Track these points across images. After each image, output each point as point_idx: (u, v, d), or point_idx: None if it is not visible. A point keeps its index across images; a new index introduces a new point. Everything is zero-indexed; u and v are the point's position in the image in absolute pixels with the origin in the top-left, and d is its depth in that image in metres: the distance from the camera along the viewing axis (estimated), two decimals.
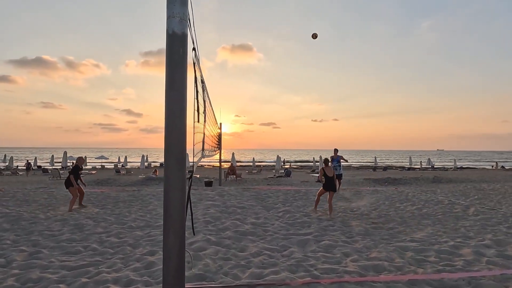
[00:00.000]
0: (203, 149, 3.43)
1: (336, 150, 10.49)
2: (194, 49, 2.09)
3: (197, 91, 2.09)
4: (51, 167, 28.00)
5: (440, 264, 3.79)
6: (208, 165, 47.88)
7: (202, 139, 3.05)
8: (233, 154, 29.82)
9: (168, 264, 1.36)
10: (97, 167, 35.24)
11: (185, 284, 2.92)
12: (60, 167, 27.41)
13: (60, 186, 12.99)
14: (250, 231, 5.24)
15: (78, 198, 7.47)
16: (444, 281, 3.23)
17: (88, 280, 3.22)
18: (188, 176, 2.10)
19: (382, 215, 6.77)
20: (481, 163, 59.73)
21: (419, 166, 38.88)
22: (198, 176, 20.88)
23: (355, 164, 49.48)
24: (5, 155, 34.43)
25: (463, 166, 43.52)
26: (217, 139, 9.63)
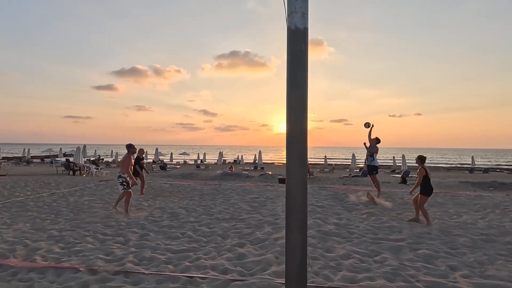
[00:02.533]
0: None
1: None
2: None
3: None
4: (145, 161, 32.62)
5: None
6: (278, 162, 48.49)
7: None
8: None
9: (292, 261, 1.37)
10: (180, 162, 39.31)
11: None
12: (152, 161, 31.49)
13: (154, 178, 14.92)
14: (333, 232, 5.06)
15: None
16: None
17: (190, 264, 3.57)
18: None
19: (494, 226, 5.71)
20: None
21: None
22: (270, 173, 21.32)
23: (444, 165, 43.25)
24: (112, 151, 41.51)
25: None
26: None
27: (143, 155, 10.00)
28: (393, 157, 31.59)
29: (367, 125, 8.21)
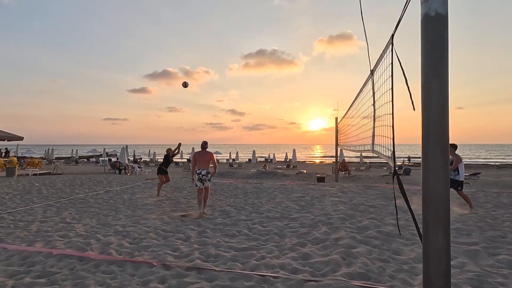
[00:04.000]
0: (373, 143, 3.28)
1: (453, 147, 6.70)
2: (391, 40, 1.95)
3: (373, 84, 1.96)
4: (181, 160, 33.68)
5: None
6: (310, 161, 47.76)
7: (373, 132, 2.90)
8: (341, 150, 28.62)
9: (438, 267, 1.27)
10: None
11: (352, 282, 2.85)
12: (188, 159, 32.51)
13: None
14: (395, 233, 4.81)
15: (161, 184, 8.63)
16: None
17: (257, 262, 3.57)
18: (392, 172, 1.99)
19: None
20: None
21: None
22: (305, 171, 21.02)
23: (494, 162, 39.79)
24: (149, 151, 43.57)
25: None
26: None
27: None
28: None
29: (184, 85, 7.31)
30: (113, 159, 27.72)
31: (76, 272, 3.35)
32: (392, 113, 1.97)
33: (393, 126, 2.00)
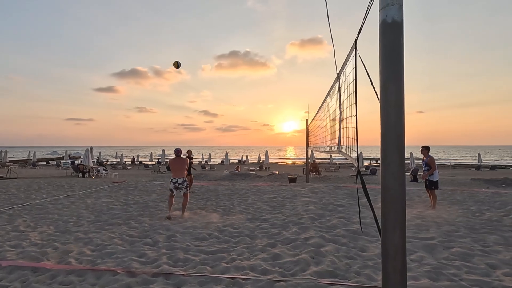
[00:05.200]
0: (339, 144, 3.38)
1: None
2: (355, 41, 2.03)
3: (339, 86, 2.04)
4: (150, 163, 32.50)
5: None
6: (282, 162, 48.44)
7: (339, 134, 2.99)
8: (312, 151, 29.33)
9: (395, 263, 1.32)
10: None
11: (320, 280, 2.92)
12: (158, 161, 31.49)
13: (164, 179, 14.88)
14: (362, 231, 5.00)
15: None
16: None
17: (227, 265, 3.53)
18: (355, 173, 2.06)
19: None
20: None
21: None
22: (277, 172, 21.26)
23: (449, 162, 43.06)
24: (116, 153, 41.61)
25: None
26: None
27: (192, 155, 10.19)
28: None
29: (176, 65, 7.35)
30: (76, 162, 26.09)
31: (29, 284, 3.08)
32: (356, 115, 2.05)
33: (356, 128, 2.08)
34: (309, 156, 15.32)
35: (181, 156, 6.41)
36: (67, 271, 3.37)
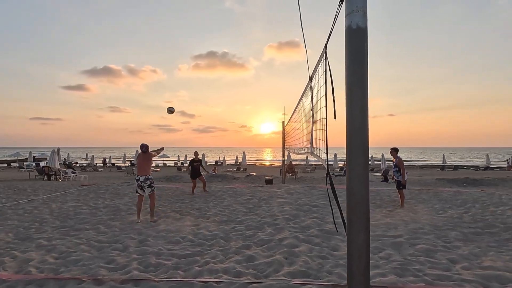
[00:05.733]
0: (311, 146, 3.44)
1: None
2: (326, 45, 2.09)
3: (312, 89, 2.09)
4: (123, 164, 31.29)
5: None
6: (260, 163, 48.64)
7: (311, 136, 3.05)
8: (288, 152, 29.70)
9: (359, 261, 1.36)
10: (159, 164, 38.31)
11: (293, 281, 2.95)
12: (130, 163, 30.40)
13: None
14: (334, 231, 5.13)
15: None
16: None
17: (200, 269, 3.47)
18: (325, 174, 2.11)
19: (478, 220, 6.07)
20: None
21: (505, 165, 33.93)
22: (254, 173, 21.33)
23: (417, 163, 45.45)
24: (87, 154, 39.64)
25: None
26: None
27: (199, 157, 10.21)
28: (371, 156, 32.73)
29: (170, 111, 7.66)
30: (42, 164, 24.54)
31: None
32: (326, 118, 2.11)
33: (326, 130, 2.14)
34: (285, 158, 15.52)
35: (148, 151, 5.98)
36: (26, 281, 3.15)
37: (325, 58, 2.09)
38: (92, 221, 5.87)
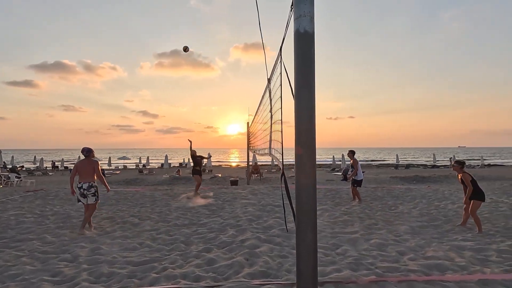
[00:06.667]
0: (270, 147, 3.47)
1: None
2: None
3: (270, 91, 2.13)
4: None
5: (506, 264, 3.66)
6: (226, 164, 48.31)
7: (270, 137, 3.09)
8: (254, 153, 29.85)
9: (307, 259, 1.38)
10: (119, 167, 36.28)
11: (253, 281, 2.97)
12: None
13: None
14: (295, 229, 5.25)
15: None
16: None
17: (157, 275, 3.33)
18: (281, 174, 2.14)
19: (424, 214, 6.62)
20: (508, 160, 56.95)
21: (448, 163, 37.46)
22: (220, 175, 21.13)
23: (375, 163, 48.47)
24: (35, 157, 36.11)
25: (490, 164, 41.71)
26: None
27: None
28: (333, 156, 34.20)
29: (186, 49, 7.73)
30: None
31: None
32: (281, 119, 2.16)
33: (282, 131, 2.18)
34: (251, 159, 15.58)
35: (91, 157, 5.46)
36: None
37: (281, 61, 2.13)
38: (37, 231, 5.35)
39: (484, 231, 5.18)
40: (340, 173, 19.62)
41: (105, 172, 24.03)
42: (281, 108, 2.21)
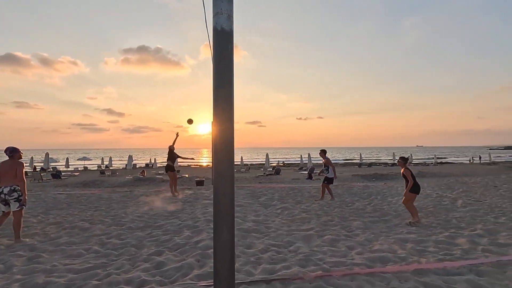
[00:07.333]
0: None
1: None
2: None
3: None
4: (31, 170, 26.77)
5: (440, 253, 3.97)
6: (194, 165, 47.45)
7: None
8: None
9: (223, 259, 1.36)
10: (79, 168, 34.11)
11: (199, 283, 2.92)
12: (41, 168, 26.31)
13: (45, 188, 12.53)
14: (253, 229, 5.27)
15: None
16: (447, 269, 3.40)
17: (99, 282, 3.15)
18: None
19: (377, 209, 6.98)
20: (460, 158, 62.36)
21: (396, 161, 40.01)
22: (187, 175, 20.68)
23: (340, 162, 50.45)
24: None
25: (443, 161, 45.33)
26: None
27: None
28: (301, 155, 35.02)
29: (190, 122, 8.73)
30: None
31: None
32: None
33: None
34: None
35: (15, 158, 4.82)
36: None
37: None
38: None
39: (427, 223, 5.58)
40: (306, 172, 20.15)
41: (62, 173, 22.39)
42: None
